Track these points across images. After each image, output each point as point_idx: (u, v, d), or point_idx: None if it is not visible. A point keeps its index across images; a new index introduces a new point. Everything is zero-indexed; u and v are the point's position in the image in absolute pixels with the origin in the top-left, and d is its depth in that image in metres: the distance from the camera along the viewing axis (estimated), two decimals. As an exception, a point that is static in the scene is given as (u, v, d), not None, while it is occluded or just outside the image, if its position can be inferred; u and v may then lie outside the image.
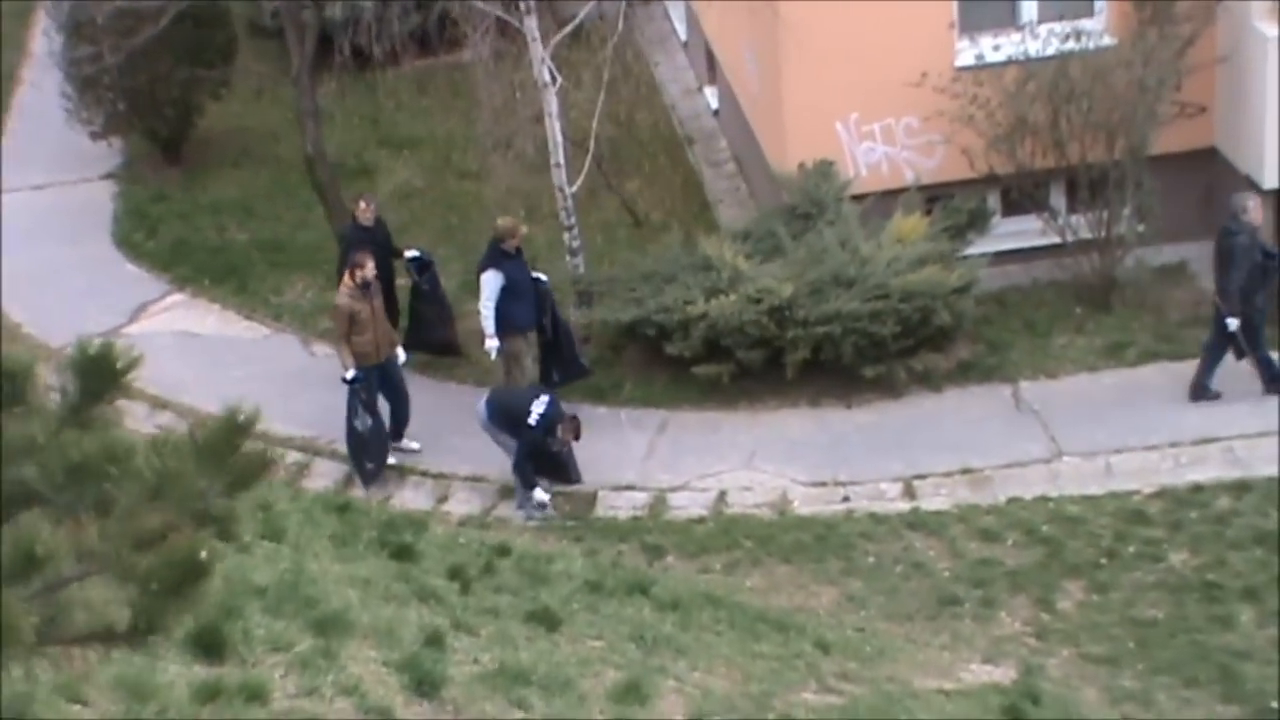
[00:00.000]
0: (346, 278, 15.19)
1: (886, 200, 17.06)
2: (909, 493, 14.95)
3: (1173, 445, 15.07)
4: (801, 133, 17.24)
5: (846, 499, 14.90)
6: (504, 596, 10.56)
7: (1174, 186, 16.99)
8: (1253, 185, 16.76)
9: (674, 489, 15.29)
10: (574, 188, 17.02)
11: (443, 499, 15.47)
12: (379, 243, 16.24)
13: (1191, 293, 17.19)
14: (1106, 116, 16.44)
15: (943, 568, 13.95)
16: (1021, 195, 17.30)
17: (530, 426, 14.45)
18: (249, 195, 21.02)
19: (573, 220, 17.05)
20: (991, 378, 16.33)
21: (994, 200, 17.64)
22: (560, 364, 16.11)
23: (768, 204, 18.03)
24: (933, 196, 17.25)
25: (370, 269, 15.12)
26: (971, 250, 16.94)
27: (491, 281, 15.62)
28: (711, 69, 21.80)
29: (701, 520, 14.81)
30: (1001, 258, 17.36)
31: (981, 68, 16.89)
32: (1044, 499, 14.66)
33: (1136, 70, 16.29)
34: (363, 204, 16.56)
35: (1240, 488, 14.49)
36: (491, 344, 15.70)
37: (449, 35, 20.29)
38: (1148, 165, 16.68)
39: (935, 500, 14.81)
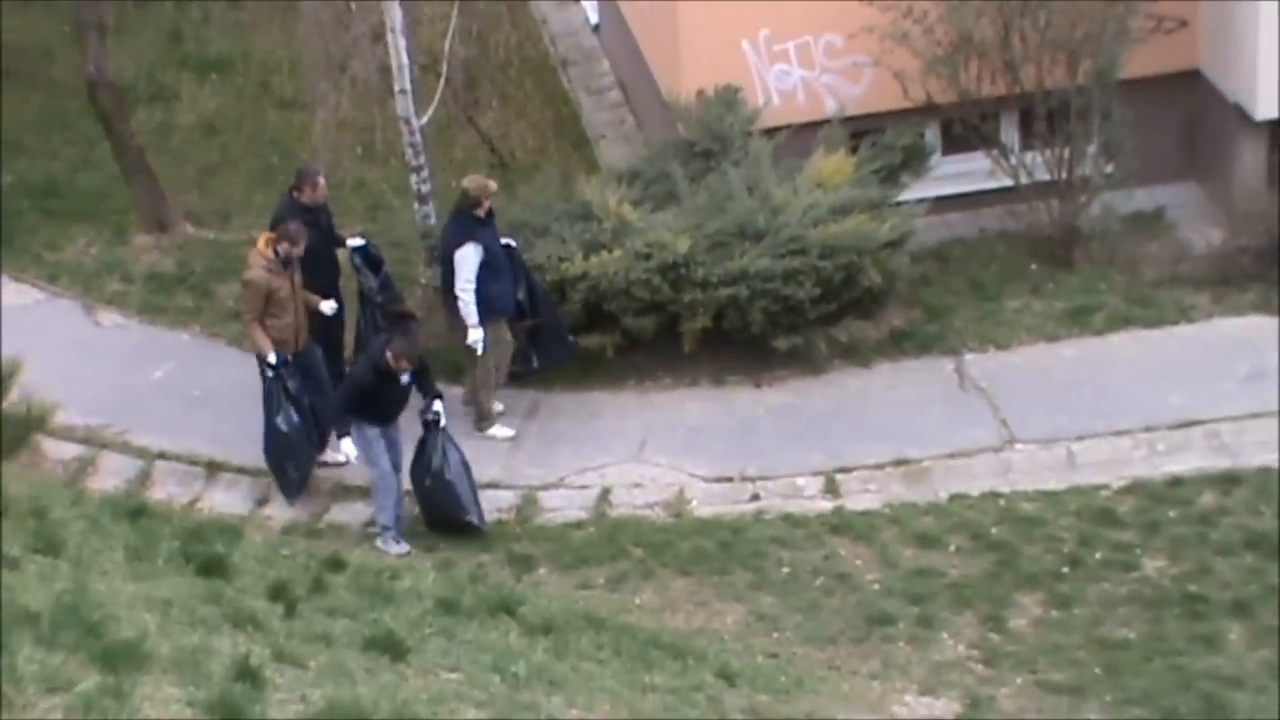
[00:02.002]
0: (262, 246, 14.97)
1: (804, 135, 17.16)
2: (831, 489, 15.05)
3: (1147, 430, 15.30)
4: (700, 54, 17.28)
5: (756, 497, 14.98)
6: (338, 620, 10.53)
7: (1149, 117, 17.26)
8: (1242, 115, 17.03)
9: (546, 487, 15.29)
10: (423, 120, 16.92)
11: (262, 501, 15.36)
12: (323, 229, 15.84)
13: (1170, 246, 17.46)
14: (1068, 32, 16.66)
15: (872, 580, 14.04)
16: (966, 129, 17.46)
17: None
18: (15, 127, 20.69)
19: (422, 160, 16.96)
20: (931, 350, 16.51)
21: (933, 135, 17.81)
22: (542, 345, 16.02)
23: (660, 140, 18.08)
24: (859, 130, 17.36)
25: (300, 247, 14.93)
26: (906, 195, 17.07)
27: (471, 258, 15.31)
28: (591, -26, 21.90)
29: (580, 525, 14.82)
30: (943, 204, 17.54)
31: (919, -27, 17.06)
32: (994, 496, 14.83)
33: (1104, -23, 16.59)
34: (319, 179, 15.88)
35: (1228, 480, 14.73)
36: (476, 335, 15.46)
37: (268, -69, 20.19)
38: (1117, 92, 16.91)
39: (863, 498, 14.92)
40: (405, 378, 14.38)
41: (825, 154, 16.83)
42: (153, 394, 16.59)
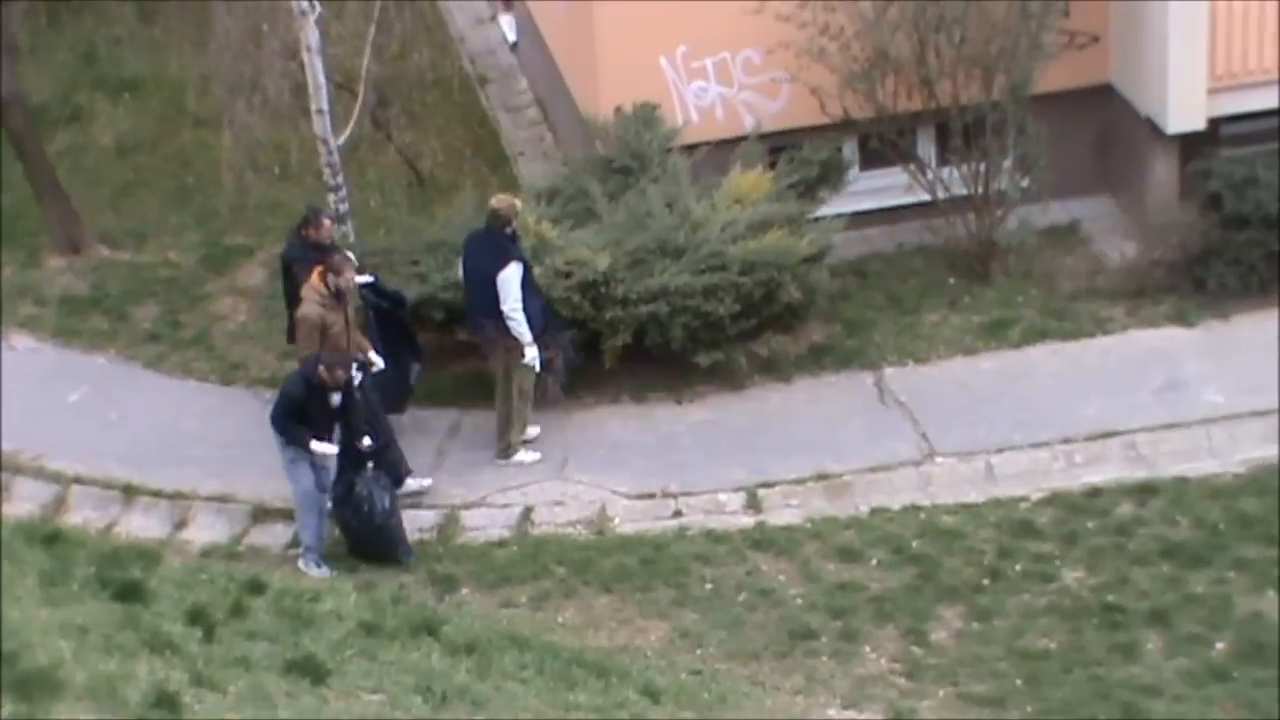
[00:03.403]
0: (316, 281, 14.79)
1: (722, 151, 17.22)
2: (753, 505, 15.11)
3: (1065, 442, 15.44)
4: (618, 71, 17.33)
5: (679, 514, 15.02)
6: (258, 644, 10.45)
7: (1063, 132, 17.44)
8: (1154, 129, 17.21)
9: (468, 506, 15.29)
10: (340, 139, 16.87)
11: (181, 524, 15.28)
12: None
13: (1085, 259, 17.63)
14: (983, 48, 16.78)
15: (794, 595, 14.10)
16: (883, 144, 17.55)
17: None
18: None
19: (339, 179, 16.90)
20: (850, 364, 16.59)
21: (851, 150, 17.91)
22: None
23: (578, 157, 18.09)
24: (777, 146, 17.45)
25: (350, 275, 14.81)
26: (825, 211, 17.16)
27: (515, 277, 15.20)
28: (508, -7, 21.90)
29: (503, 543, 14.82)
30: (861, 219, 17.64)
31: (842, -10, 17.15)
32: (914, 509, 14.94)
33: (1017, -9, 16.72)
34: (325, 220, 15.70)
35: (1144, 491, 14.90)
36: (533, 353, 15.36)
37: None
38: (1032, 107, 17.05)
39: (785, 513, 14.99)
40: (336, 398, 14.29)
41: (743, 170, 16.90)
42: (68, 417, 16.46)
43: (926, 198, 17.67)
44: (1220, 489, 14.89)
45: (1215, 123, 17.29)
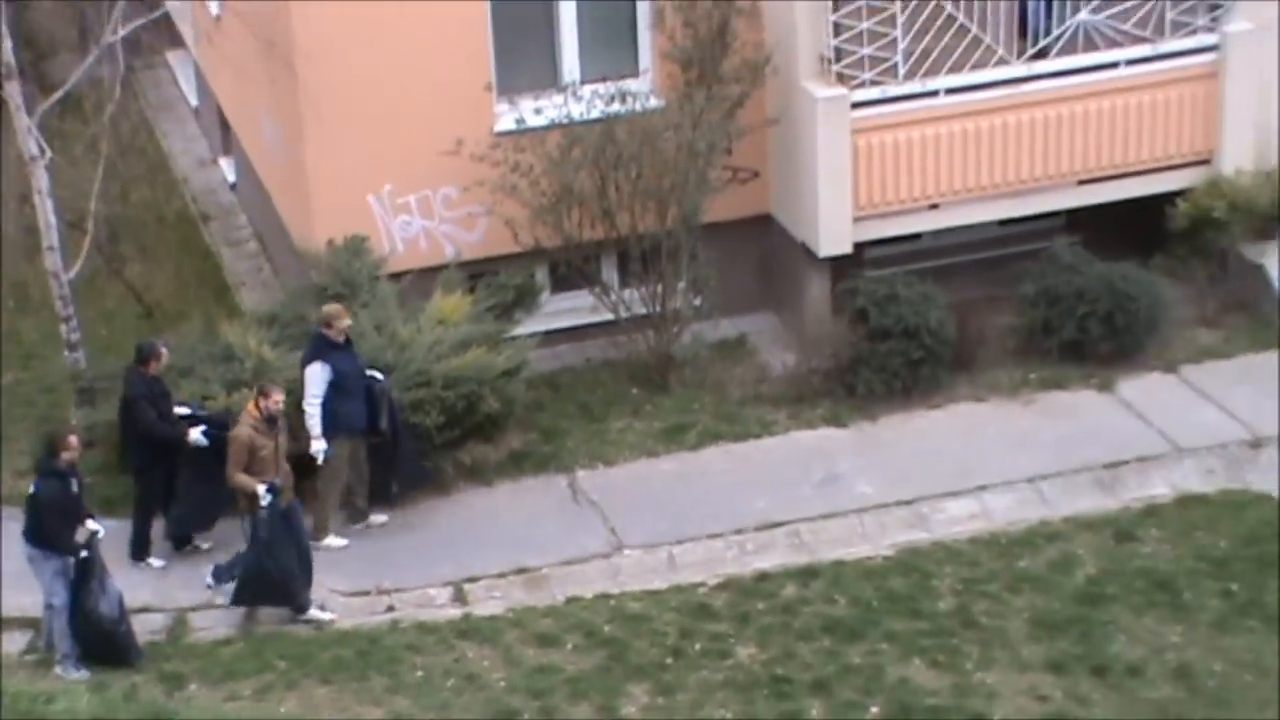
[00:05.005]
0: (251, 407, 14.58)
1: (426, 278, 17.30)
2: (460, 598, 15.09)
3: (737, 532, 15.68)
4: (329, 207, 17.35)
5: (391, 608, 14.93)
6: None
7: (730, 256, 17.81)
8: (808, 253, 17.71)
9: (196, 608, 15.03)
10: (71, 274, 16.65)
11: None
12: (164, 395, 15.33)
13: (752, 369, 17.96)
14: (656, 183, 17.09)
15: (498, 678, 14.11)
16: (571, 269, 17.77)
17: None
18: None
19: (70, 310, 16.66)
20: (546, 468, 16.69)
21: (542, 275, 18.09)
22: (399, 472, 15.83)
23: (295, 285, 18.03)
24: (476, 273, 17.59)
25: (278, 399, 14.55)
26: (520, 330, 17.32)
27: (318, 376, 15.18)
28: (228, 138, 21.71)
29: (229, 641, 14.61)
30: (552, 337, 17.83)
31: (522, 132, 17.33)
32: (605, 597, 15.04)
33: (686, 133, 17.00)
34: (160, 356, 15.29)
35: (807, 574, 15.18)
36: (318, 446, 15.21)
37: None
38: (701, 235, 17.40)
39: (489, 604, 15.00)
40: (74, 485, 13.94)
41: (445, 295, 16.96)
42: None
43: (610, 317, 17.87)
44: (872, 570, 15.20)
45: (860, 247, 17.79)
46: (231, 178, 21.82)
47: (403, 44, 16.93)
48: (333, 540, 15.70)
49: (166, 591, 15.22)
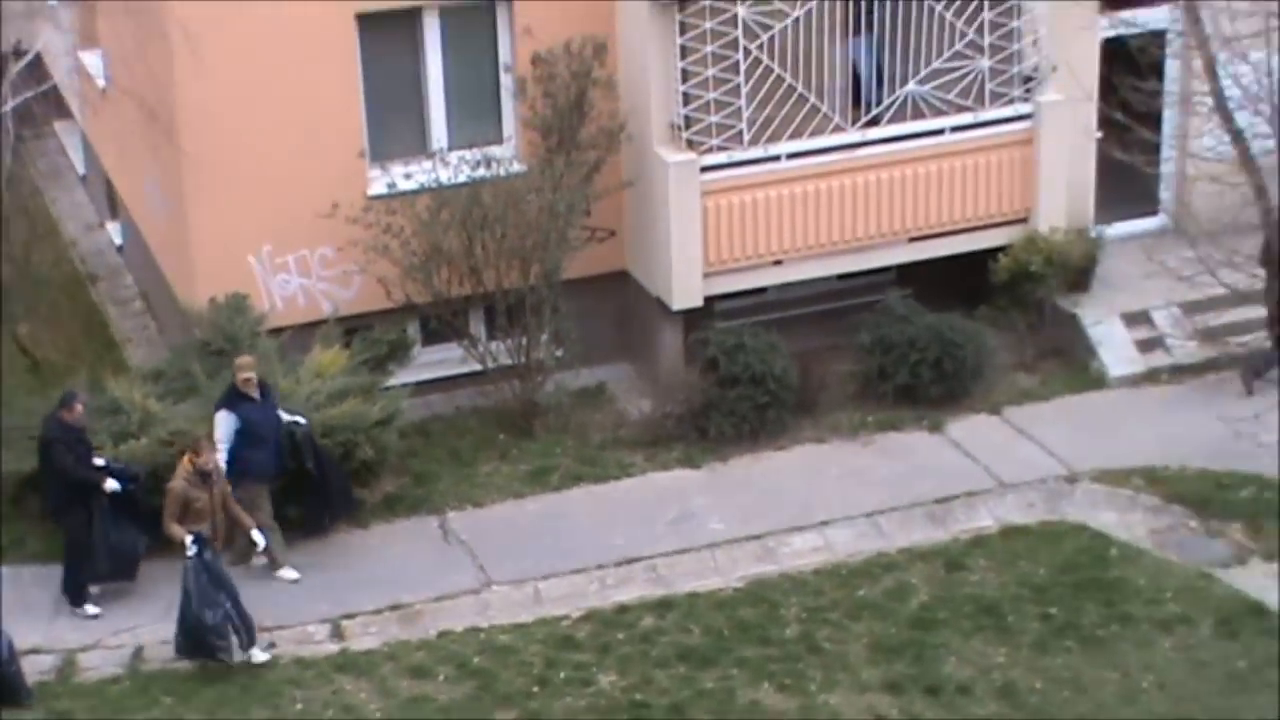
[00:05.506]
0: (185, 461, 14.84)
1: (305, 333, 17.60)
2: (338, 634, 15.36)
3: (599, 568, 16.07)
4: (211, 266, 17.60)
5: (272, 645, 15.17)
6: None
7: (589, 310, 18.24)
8: (662, 307, 18.26)
9: (85, 649, 15.22)
10: (-40, 333, 16.69)
11: None
12: (81, 442, 15.50)
13: (611, 415, 18.38)
14: (520, 242, 17.50)
15: (374, 709, 14.42)
16: (441, 324, 18.10)
17: None
18: None
19: (-40, 368, 16.71)
20: (419, 510, 16.99)
21: (414, 330, 18.42)
22: (332, 504, 16.28)
23: (179, 341, 18.24)
24: (352, 328, 17.89)
25: (210, 457, 14.85)
26: (393, 381, 17.65)
27: (224, 423, 15.61)
28: (114, 203, 21.88)
29: (116, 680, 14.79)
30: (424, 387, 18.18)
31: (394, 196, 17.72)
32: (475, 630, 15.37)
33: (547, 196, 17.45)
34: (78, 405, 15.48)
35: (663, 606, 15.61)
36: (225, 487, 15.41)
37: None
38: (562, 290, 17.81)
39: (365, 640, 15.29)
40: None
41: (323, 349, 17.26)
42: None
43: (479, 368, 18.19)
44: (724, 601, 15.63)
45: (710, 300, 18.30)
46: (118, 240, 21.93)
47: (280, 113, 17.31)
48: (286, 573, 16.02)
49: (56, 634, 15.40)
